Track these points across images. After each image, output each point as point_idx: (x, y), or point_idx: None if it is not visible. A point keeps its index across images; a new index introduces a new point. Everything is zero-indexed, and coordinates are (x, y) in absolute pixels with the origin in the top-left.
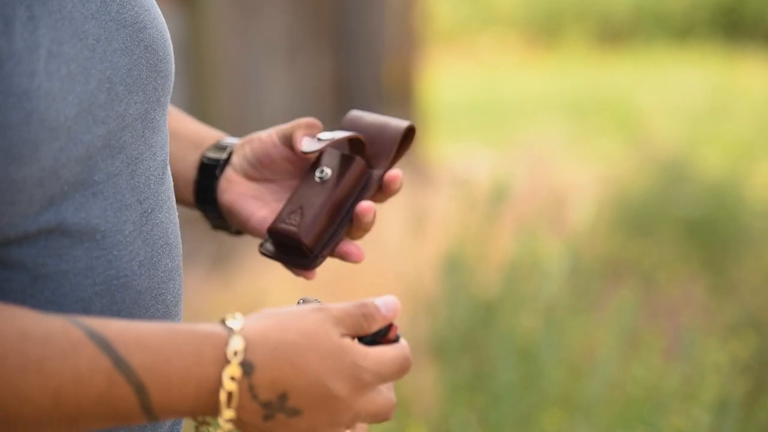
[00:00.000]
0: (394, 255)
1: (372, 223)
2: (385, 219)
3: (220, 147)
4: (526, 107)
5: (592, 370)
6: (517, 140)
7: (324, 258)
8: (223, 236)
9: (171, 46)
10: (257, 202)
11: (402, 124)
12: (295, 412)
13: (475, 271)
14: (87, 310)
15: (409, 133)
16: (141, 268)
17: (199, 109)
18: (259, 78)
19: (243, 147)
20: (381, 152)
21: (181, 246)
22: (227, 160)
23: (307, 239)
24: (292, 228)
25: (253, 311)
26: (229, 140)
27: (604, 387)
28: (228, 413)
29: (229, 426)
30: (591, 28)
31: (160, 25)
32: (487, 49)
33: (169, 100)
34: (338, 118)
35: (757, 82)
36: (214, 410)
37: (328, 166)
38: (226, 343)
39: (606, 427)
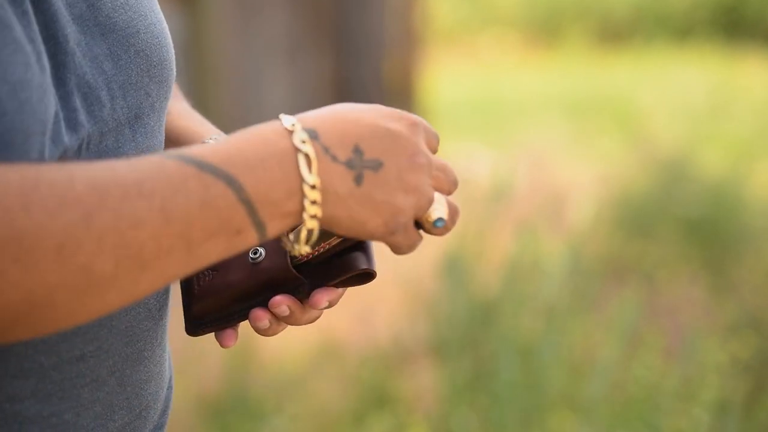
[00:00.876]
0: (394, 255)
1: (264, 330)
2: None
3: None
4: (527, 107)
5: (593, 370)
6: (517, 140)
7: (202, 333)
8: None
9: (170, 51)
10: None
11: (361, 265)
12: (377, 164)
13: (476, 271)
14: None
15: (364, 276)
16: None
17: (199, 108)
18: (259, 77)
19: None
20: (329, 269)
21: None
22: None
23: (196, 305)
24: (194, 285)
25: None
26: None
27: (604, 387)
28: (312, 178)
29: (315, 204)
30: (591, 28)
31: (157, 30)
32: (487, 49)
33: (166, 105)
34: None
35: (758, 81)
36: (302, 190)
37: (264, 248)
38: (281, 123)
39: (606, 426)
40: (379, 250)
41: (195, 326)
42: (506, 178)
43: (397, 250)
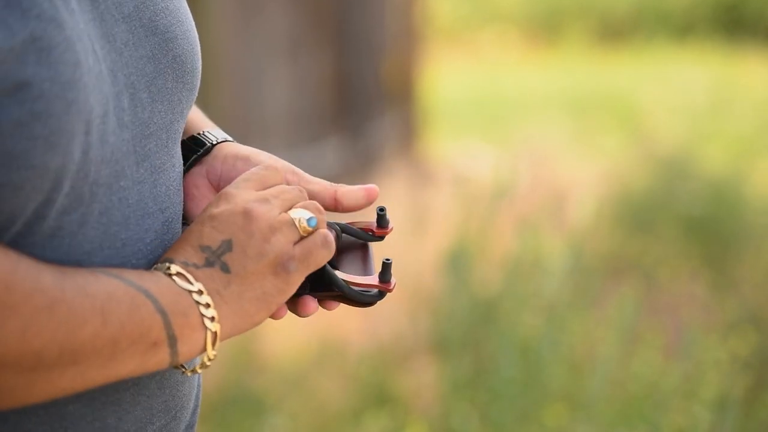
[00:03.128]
0: (396, 252)
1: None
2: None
3: (197, 141)
4: (528, 104)
5: (593, 367)
6: (518, 137)
7: None
8: None
9: (200, 61)
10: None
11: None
12: (226, 245)
13: (476, 269)
14: None
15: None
16: None
17: (200, 107)
18: (260, 76)
19: (230, 161)
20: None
21: None
22: (199, 158)
23: None
24: None
25: None
26: (211, 135)
27: (604, 384)
28: (195, 285)
29: (207, 306)
30: (592, 26)
31: (192, 38)
32: (488, 47)
33: (189, 113)
34: (339, 116)
35: (758, 79)
36: (195, 304)
37: None
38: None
39: (607, 424)
40: (379, 248)
41: None
42: (507, 176)
43: (319, 262)
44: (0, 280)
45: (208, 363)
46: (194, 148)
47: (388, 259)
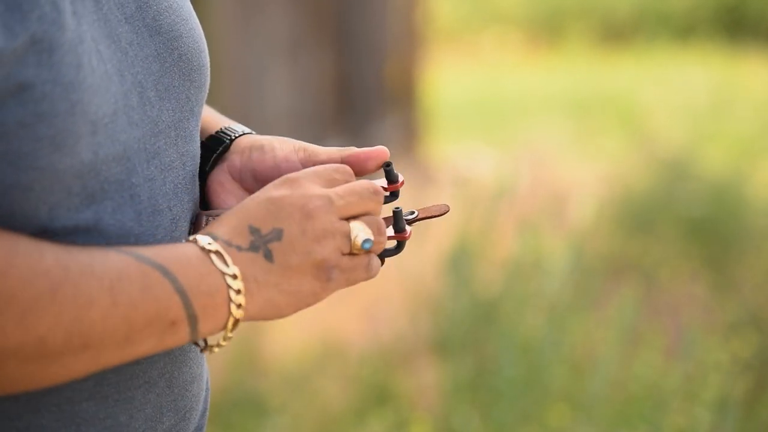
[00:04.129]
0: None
1: None
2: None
3: (215, 140)
4: (529, 106)
5: (594, 368)
6: (519, 139)
7: None
8: None
9: (207, 58)
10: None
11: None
12: (277, 233)
13: (477, 269)
14: None
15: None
16: None
17: None
18: (261, 76)
19: (246, 152)
20: None
21: None
22: (221, 154)
23: None
24: None
25: None
26: (229, 131)
27: (605, 385)
28: (231, 269)
29: (238, 293)
30: (593, 27)
31: (197, 36)
32: (489, 48)
33: (201, 111)
34: (340, 117)
35: (760, 80)
36: (226, 285)
37: None
38: (186, 238)
39: (607, 424)
40: None
41: None
42: (508, 177)
43: (356, 281)
44: None
45: (223, 343)
46: (214, 147)
47: (397, 208)
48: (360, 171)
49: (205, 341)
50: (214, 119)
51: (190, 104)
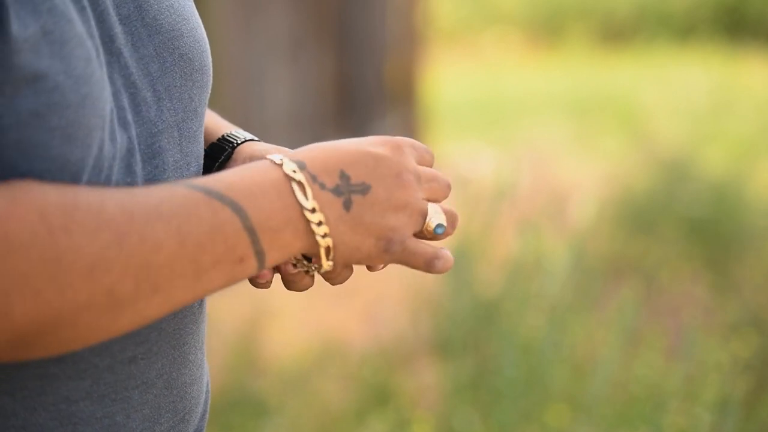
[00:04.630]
0: None
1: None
2: None
3: (217, 148)
4: (529, 106)
5: (594, 369)
6: (519, 139)
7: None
8: None
9: (209, 56)
10: None
11: None
12: (364, 188)
13: (478, 270)
14: None
15: None
16: None
17: None
18: (261, 76)
19: (249, 161)
20: None
21: None
22: (223, 163)
23: None
24: None
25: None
26: (231, 138)
27: (606, 385)
28: (310, 203)
29: (321, 225)
30: (593, 27)
31: (199, 35)
32: (489, 48)
33: (205, 111)
34: (340, 117)
35: (760, 80)
36: (303, 218)
37: None
38: (270, 159)
39: (608, 425)
40: None
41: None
42: (509, 177)
43: (413, 265)
44: (57, 224)
45: (328, 267)
46: (216, 155)
47: None
48: None
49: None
50: (216, 125)
51: (193, 104)
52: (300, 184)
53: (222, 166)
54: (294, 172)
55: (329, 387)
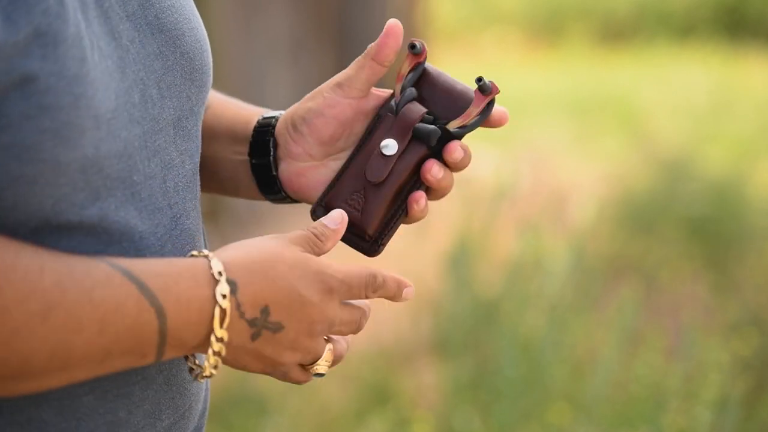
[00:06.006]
0: (397, 253)
1: (424, 211)
2: None
3: (261, 142)
4: (529, 105)
5: (594, 368)
6: (519, 138)
7: (383, 246)
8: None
9: (210, 56)
10: (325, 180)
11: (470, 91)
12: (278, 327)
13: (478, 269)
14: None
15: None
16: None
17: None
18: (261, 76)
19: (294, 131)
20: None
21: None
22: (274, 153)
23: (371, 228)
24: (355, 213)
25: None
26: (265, 118)
27: (606, 385)
28: (220, 332)
29: (217, 354)
30: (593, 27)
31: (200, 35)
32: (489, 48)
33: (203, 111)
34: None
35: (760, 80)
36: (209, 338)
37: (391, 137)
38: (209, 265)
39: (608, 424)
40: (380, 256)
41: (377, 246)
42: (509, 177)
43: (284, 381)
44: None
45: (210, 375)
46: (263, 151)
47: (479, 79)
48: (384, 59)
49: (199, 368)
50: (235, 114)
51: (191, 103)
52: (223, 311)
53: (275, 156)
54: (223, 297)
55: (329, 386)
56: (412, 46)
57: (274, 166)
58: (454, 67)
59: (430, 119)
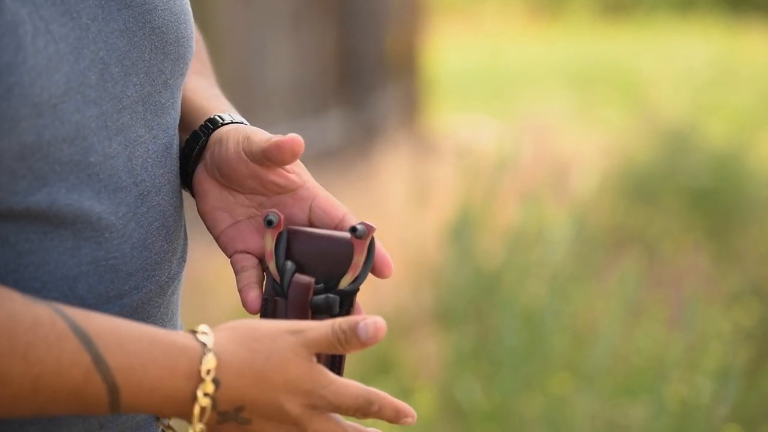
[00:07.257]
0: (398, 224)
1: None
2: (389, 188)
3: (194, 136)
4: (530, 77)
5: (596, 338)
6: (521, 110)
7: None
8: None
9: (189, 28)
10: (226, 217)
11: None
12: (245, 421)
13: (479, 240)
14: (72, 288)
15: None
16: (133, 250)
17: None
18: (263, 49)
19: (212, 147)
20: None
21: (182, 228)
22: (199, 154)
23: None
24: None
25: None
26: (210, 123)
27: (607, 355)
28: (199, 426)
29: None
30: None
31: (177, 8)
32: (491, 19)
33: (181, 82)
34: (342, 88)
35: (760, 52)
36: (177, 416)
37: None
38: (200, 361)
39: (609, 394)
40: (383, 219)
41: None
42: (510, 148)
43: None
44: None
45: None
46: (191, 145)
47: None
48: (279, 161)
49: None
50: (203, 106)
51: (163, 77)
52: (203, 410)
53: (199, 156)
54: (205, 395)
55: None
56: (269, 222)
57: (192, 163)
58: (456, 38)
59: (321, 287)
